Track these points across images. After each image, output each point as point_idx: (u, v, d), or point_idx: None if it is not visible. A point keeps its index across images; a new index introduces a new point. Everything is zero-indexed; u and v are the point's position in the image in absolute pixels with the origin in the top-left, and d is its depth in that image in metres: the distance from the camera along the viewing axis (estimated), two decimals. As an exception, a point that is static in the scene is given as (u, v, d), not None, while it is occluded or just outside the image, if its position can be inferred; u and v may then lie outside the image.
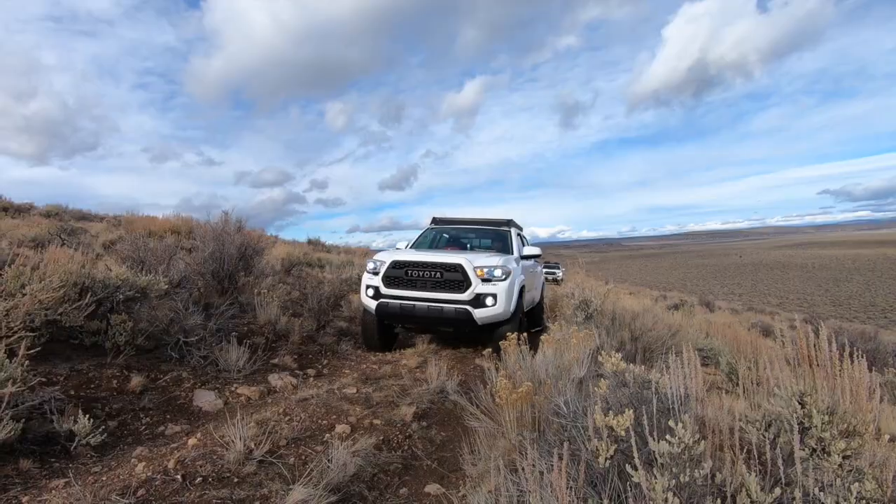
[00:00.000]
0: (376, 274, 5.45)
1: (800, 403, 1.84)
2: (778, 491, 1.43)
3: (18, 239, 7.14)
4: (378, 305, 5.31)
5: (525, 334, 4.19)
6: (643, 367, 2.31)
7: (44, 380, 3.21)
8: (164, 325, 4.32)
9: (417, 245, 7.26)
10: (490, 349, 4.71)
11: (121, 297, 4.09)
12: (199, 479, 2.46)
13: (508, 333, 4.27)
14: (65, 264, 3.85)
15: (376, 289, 5.39)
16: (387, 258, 5.43)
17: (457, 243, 7.65)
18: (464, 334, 6.00)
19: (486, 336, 5.51)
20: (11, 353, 2.74)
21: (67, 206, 13.52)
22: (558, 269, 36.74)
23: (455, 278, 5.11)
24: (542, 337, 3.88)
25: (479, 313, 5.04)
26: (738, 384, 2.41)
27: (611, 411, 1.81)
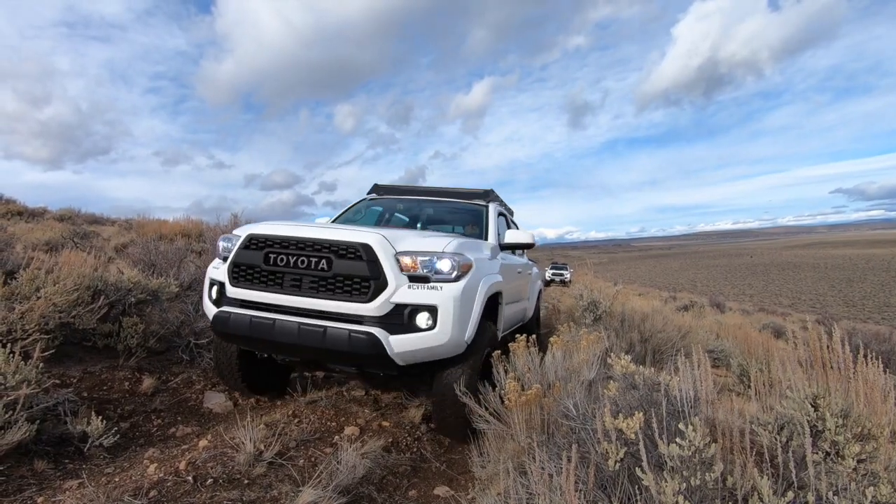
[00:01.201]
0: (225, 260, 3.17)
1: (813, 406, 1.82)
2: (791, 495, 1.42)
3: (33, 243, 7.25)
4: (215, 317, 3.06)
5: (534, 336, 3.53)
6: (653, 368, 2.29)
7: (58, 382, 3.26)
8: (174, 327, 4.37)
9: (344, 222, 4.88)
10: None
11: (132, 299, 4.14)
12: (210, 480, 2.48)
13: (464, 380, 2.96)
14: (78, 268, 3.90)
15: (220, 286, 3.16)
16: (243, 232, 3.14)
17: (403, 224, 5.21)
18: (377, 375, 3.49)
19: (424, 380, 3.42)
20: (26, 356, 2.78)
21: (80, 210, 13.71)
22: (566, 270, 36.62)
23: (353, 271, 2.77)
24: (551, 339, 3.83)
25: (398, 343, 2.74)
26: (749, 386, 2.39)
27: (620, 414, 1.80)
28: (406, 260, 2.86)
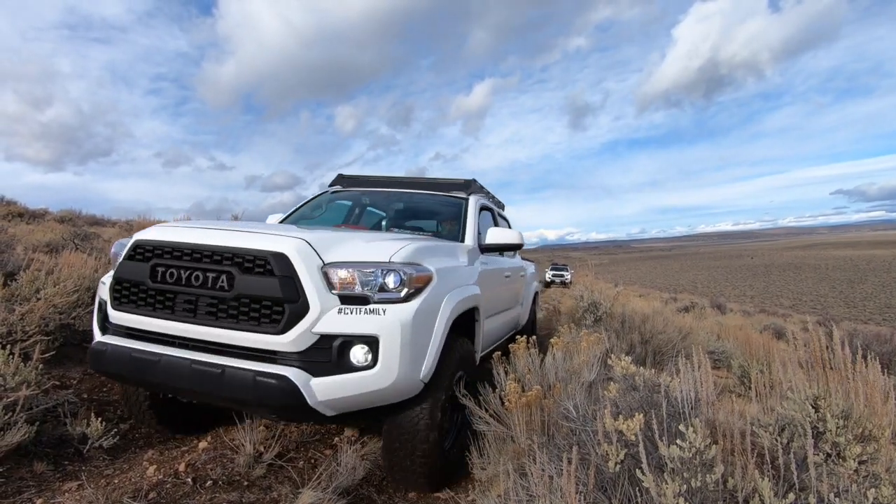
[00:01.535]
0: None
1: (813, 407, 1.82)
2: (792, 496, 1.41)
3: (33, 244, 7.26)
4: (90, 351, 2.40)
5: (534, 337, 3.41)
6: (653, 370, 2.29)
7: (58, 383, 3.26)
8: (175, 328, 4.36)
9: (296, 221, 4.16)
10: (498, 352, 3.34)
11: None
12: (210, 482, 2.48)
13: (423, 424, 2.36)
14: (78, 269, 3.91)
15: (103, 309, 2.52)
16: (133, 238, 2.45)
17: (368, 223, 4.42)
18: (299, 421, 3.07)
19: (368, 422, 2.96)
20: (26, 357, 2.78)
21: (81, 212, 13.73)
22: (566, 271, 36.65)
23: (262, 291, 2.11)
24: (551, 340, 3.81)
25: (324, 388, 2.10)
26: (750, 387, 2.38)
27: (621, 415, 1.79)
28: (339, 274, 2.17)
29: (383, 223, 4.44)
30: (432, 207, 4.37)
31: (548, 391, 2.77)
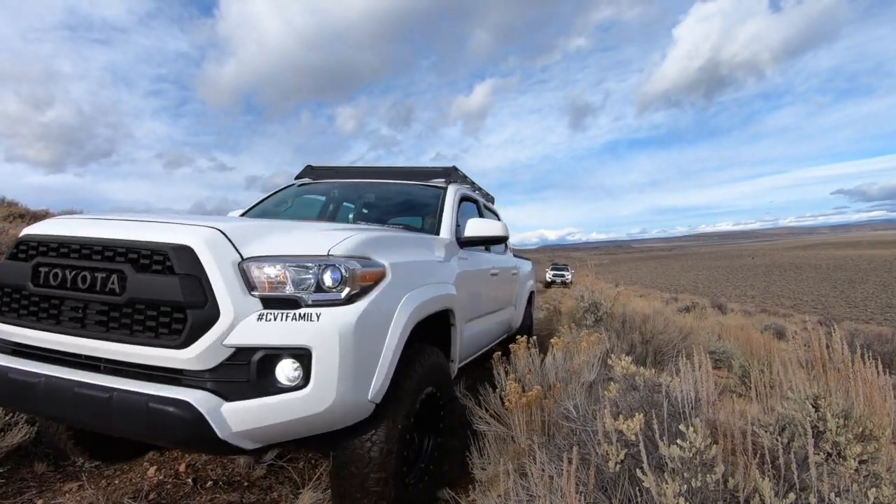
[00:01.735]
0: None
1: (814, 407, 1.82)
2: (792, 496, 1.41)
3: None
4: None
5: (535, 337, 3.34)
6: (654, 370, 2.28)
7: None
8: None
9: (260, 215, 3.71)
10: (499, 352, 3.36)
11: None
12: (210, 482, 2.48)
13: (376, 452, 1.95)
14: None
15: None
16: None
17: (336, 217, 3.94)
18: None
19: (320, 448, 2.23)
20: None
21: (82, 213, 13.75)
22: (567, 271, 36.67)
23: (159, 294, 1.71)
24: (551, 340, 3.80)
25: (240, 416, 1.69)
26: (750, 387, 2.38)
27: (621, 415, 1.79)
28: (263, 271, 1.78)
29: (350, 217, 3.95)
30: (407, 198, 3.90)
31: (548, 391, 2.77)
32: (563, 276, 35.01)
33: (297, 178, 4.22)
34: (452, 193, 3.56)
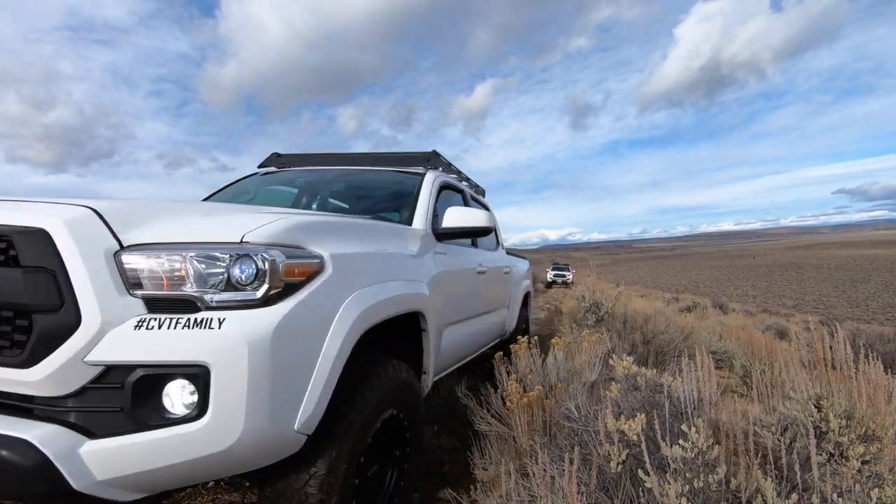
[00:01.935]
0: None
1: (816, 407, 1.81)
2: (795, 497, 1.41)
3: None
4: None
5: (535, 338, 3.42)
6: (655, 370, 2.28)
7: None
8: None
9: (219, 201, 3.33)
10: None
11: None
12: (211, 483, 2.48)
13: (315, 488, 1.55)
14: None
15: None
16: None
17: (303, 207, 3.45)
18: None
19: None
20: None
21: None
22: (568, 271, 36.69)
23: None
24: (552, 340, 3.79)
25: (104, 457, 1.23)
26: (752, 387, 2.38)
27: (622, 415, 1.79)
28: (148, 262, 1.36)
29: (314, 208, 3.46)
30: (380, 187, 3.44)
31: (549, 391, 2.77)
32: (564, 276, 35.02)
33: (261, 166, 3.84)
34: (430, 180, 3.13)
